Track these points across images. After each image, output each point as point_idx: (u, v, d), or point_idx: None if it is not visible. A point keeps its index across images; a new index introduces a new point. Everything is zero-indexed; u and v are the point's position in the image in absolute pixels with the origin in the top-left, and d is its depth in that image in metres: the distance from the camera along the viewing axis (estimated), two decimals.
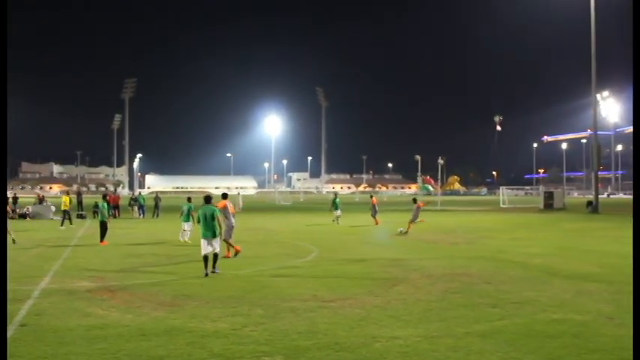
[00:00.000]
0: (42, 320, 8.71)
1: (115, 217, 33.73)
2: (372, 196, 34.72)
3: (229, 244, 15.99)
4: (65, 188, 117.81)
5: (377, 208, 31.93)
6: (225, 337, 7.70)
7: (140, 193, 50.75)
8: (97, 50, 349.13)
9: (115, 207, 37.02)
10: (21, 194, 71.46)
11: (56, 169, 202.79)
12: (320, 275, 13.26)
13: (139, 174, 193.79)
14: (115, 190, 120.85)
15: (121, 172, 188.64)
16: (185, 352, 7.03)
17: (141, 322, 8.53)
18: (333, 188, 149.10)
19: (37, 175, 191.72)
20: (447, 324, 8.42)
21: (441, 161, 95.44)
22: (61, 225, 28.57)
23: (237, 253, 15.98)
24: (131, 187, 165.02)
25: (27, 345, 7.34)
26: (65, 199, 31.25)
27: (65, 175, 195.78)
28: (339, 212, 31.35)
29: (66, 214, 29.91)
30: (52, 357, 6.86)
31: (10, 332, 7.92)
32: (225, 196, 16.56)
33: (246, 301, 10.07)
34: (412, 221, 24.95)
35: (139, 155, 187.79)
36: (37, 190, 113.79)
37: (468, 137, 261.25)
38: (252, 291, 11.11)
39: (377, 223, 30.16)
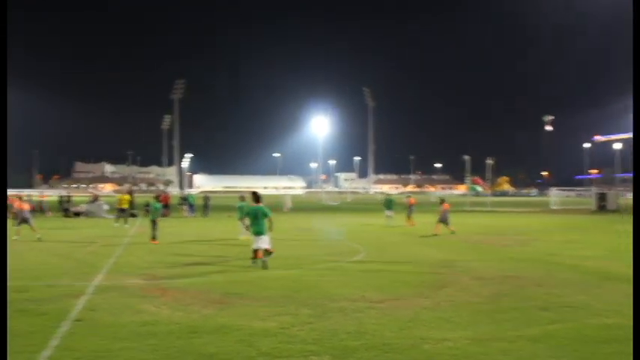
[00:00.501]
0: (96, 315, 8.94)
1: (165, 216, 34.32)
2: (408, 197, 34.34)
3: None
4: (120, 187, 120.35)
5: (413, 209, 31.51)
6: (274, 335, 7.77)
7: (190, 193, 51.47)
8: (147, 52, 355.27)
9: (165, 206, 37.64)
10: (75, 193, 73.21)
11: (108, 168, 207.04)
12: (368, 276, 13.25)
13: (188, 174, 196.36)
14: (166, 189, 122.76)
15: (171, 172, 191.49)
16: (234, 350, 7.12)
17: (191, 320, 8.67)
18: (381, 189, 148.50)
19: (90, 175, 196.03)
20: (497, 327, 8.33)
21: (489, 162, 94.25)
22: (125, 223, 29.20)
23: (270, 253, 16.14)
24: (180, 187, 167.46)
25: (82, 339, 7.54)
26: (124, 197, 31.95)
27: (117, 175, 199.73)
28: (390, 212, 30.99)
29: (124, 213, 30.56)
30: (107, 351, 7.03)
31: (66, 327, 8.16)
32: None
33: (294, 301, 10.13)
34: (440, 222, 24.63)
35: (189, 155, 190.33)
36: (92, 190, 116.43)
37: (518, 137, 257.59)
38: (300, 290, 11.17)
39: (412, 225, 29.68)
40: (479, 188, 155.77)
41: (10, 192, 53.99)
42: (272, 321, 8.60)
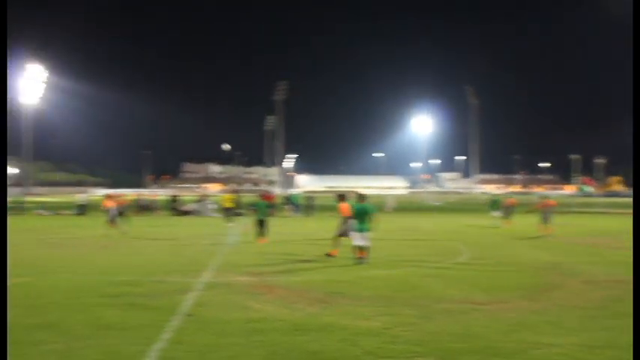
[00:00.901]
0: (205, 311, 9.21)
1: (270, 215, 34.92)
2: (509, 197, 33.21)
3: (336, 244, 16.37)
4: (227, 187, 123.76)
5: (512, 210, 30.50)
6: (378, 335, 7.75)
7: (293, 193, 52.17)
8: (251, 54, 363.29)
9: (270, 206, 38.29)
10: (183, 193, 75.85)
11: (215, 169, 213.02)
12: (472, 277, 12.98)
13: (292, 174, 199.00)
14: (270, 189, 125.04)
15: (274, 172, 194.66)
16: (338, 349, 7.15)
17: (296, 318, 8.78)
18: (485, 189, 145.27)
19: (198, 175, 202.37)
20: (609, 334, 7.95)
21: (600, 161, 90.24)
22: (229, 222, 30.05)
23: (331, 255, 16.17)
24: (283, 187, 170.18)
25: (192, 334, 7.79)
26: (227, 197, 32.85)
27: (223, 175, 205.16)
28: (496, 213, 30.22)
29: (229, 212, 31.41)
30: (215, 346, 7.23)
31: (176, 321, 8.45)
32: (342, 197, 17.01)
33: (397, 301, 10.07)
34: (543, 222, 23.98)
35: (292, 155, 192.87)
36: (199, 189, 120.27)
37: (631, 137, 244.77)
38: (403, 290, 11.09)
39: (508, 225, 28.70)
40: (588, 189, 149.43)
41: (121, 191, 56.58)
42: (376, 321, 8.58)
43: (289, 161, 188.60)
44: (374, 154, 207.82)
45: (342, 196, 17.09)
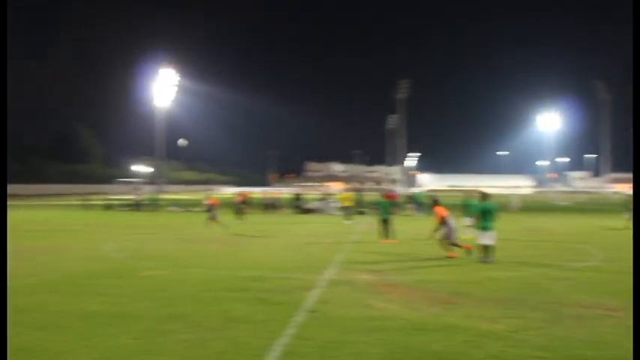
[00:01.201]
0: (328, 308, 9.34)
1: (393, 214, 34.86)
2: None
3: (448, 247, 16.12)
4: (348, 186, 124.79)
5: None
6: (502, 338, 7.57)
7: (416, 192, 51.79)
8: (375, 53, 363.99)
9: (393, 205, 38.19)
10: (307, 191, 77.18)
11: (337, 167, 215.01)
12: (603, 281, 12.36)
13: (414, 172, 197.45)
14: (392, 188, 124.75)
15: (396, 171, 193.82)
16: (461, 351, 7.05)
17: (418, 317, 8.74)
18: (617, 188, 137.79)
19: (320, 174, 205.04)
20: None
21: None
22: (349, 220, 30.33)
23: (451, 257, 15.86)
24: (405, 186, 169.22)
25: (315, 330, 7.93)
26: (346, 196, 33.14)
27: (346, 174, 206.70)
28: (630, 214, 28.42)
29: (349, 210, 31.68)
30: (338, 343, 7.33)
31: (300, 317, 8.64)
32: (437, 202, 17.34)
33: (523, 303, 9.78)
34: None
35: (414, 154, 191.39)
36: (322, 188, 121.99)
37: None
38: (529, 293, 10.75)
39: (628, 227, 26.68)
40: None
41: (247, 189, 58.28)
42: (500, 323, 8.38)
43: (411, 160, 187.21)
44: (498, 153, 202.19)
45: (436, 201, 17.58)
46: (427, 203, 41.50)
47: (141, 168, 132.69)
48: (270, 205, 42.81)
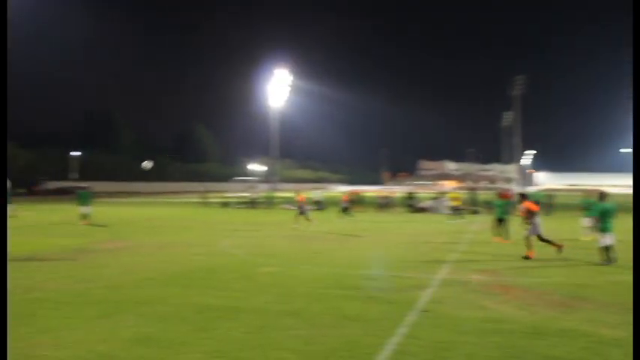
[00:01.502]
0: (441, 308, 9.24)
1: (509, 214, 34.00)
2: None
3: (530, 245, 15.70)
4: (458, 185, 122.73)
5: None
6: (625, 346, 7.19)
7: (533, 191, 50.09)
8: (489, 48, 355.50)
9: (508, 204, 37.20)
10: (420, 190, 76.46)
11: (450, 166, 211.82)
12: None
13: (530, 171, 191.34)
14: (508, 187, 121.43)
15: (511, 170, 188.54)
16: (580, 357, 6.79)
17: (534, 320, 8.48)
18: None
19: (433, 172, 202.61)
20: None
21: None
22: (456, 219, 29.91)
23: (529, 257, 15.41)
24: (521, 185, 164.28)
25: (427, 329, 7.87)
26: (455, 195, 32.63)
27: (459, 172, 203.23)
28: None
29: (457, 210, 31.19)
30: (450, 343, 7.24)
31: (412, 316, 8.60)
32: (524, 196, 16.96)
33: None
34: None
35: (530, 152, 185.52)
36: (435, 186, 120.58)
37: None
38: None
39: None
40: None
41: (359, 188, 58.38)
42: (623, 330, 7.97)
43: (527, 158, 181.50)
44: (621, 150, 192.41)
45: (523, 196, 17.20)
46: (545, 203, 40.22)
47: (256, 167, 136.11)
48: (383, 204, 42.76)
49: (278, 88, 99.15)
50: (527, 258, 15.38)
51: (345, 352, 6.89)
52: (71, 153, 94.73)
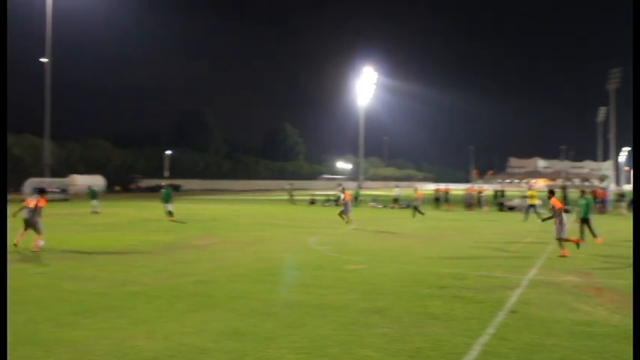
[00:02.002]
0: (530, 309, 9.04)
1: (601, 212, 32.86)
2: None
3: (562, 244, 15.40)
4: (549, 183, 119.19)
5: None
6: None
7: (629, 189, 48.14)
8: (580, 42, 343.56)
9: (601, 202, 35.97)
10: (509, 188, 74.85)
11: (541, 163, 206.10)
12: None
13: (627, 168, 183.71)
14: (601, 185, 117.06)
15: (606, 167, 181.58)
16: None
17: (628, 324, 8.15)
18: None
19: (523, 170, 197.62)
20: None
21: None
22: (526, 219, 29.14)
23: (563, 256, 15.12)
24: (618, 183, 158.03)
25: (516, 331, 7.72)
26: (532, 193, 31.71)
27: (549, 170, 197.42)
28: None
29: (531, 209, 30.28)
30: (539, 346, 7.07)
31: (500, 317, 8.45)
32: (552, 192, 16.61)
33: None
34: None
35: (626, 149, 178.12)
36: (525, 184, 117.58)
37: None
38: None
39: None
40: None
41: (446, 186, 57.69)
42: None
43: (623, 155, 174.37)
44: None
45: (552, 192, 16.75)
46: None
47: (343, 165, 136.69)
48: (470, 202, 42.11)
49: (365, 86, 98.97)
50: (562, 257, 15.11)
51: (430, 351, 6.85)
52: (165, 152, 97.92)
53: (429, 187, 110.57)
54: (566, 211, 34.32)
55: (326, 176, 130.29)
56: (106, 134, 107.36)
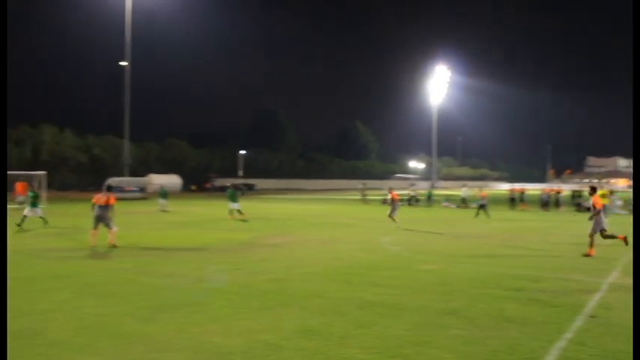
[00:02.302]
0: (610, 314, 8.75)
1: None
2: None
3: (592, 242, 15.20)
4: (629, 183, 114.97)
5: None
6: None
7: None
8: None
9: None
10: (587, 188, 72.59)
11: (622, 163, 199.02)
12: None
13: None
14: None
15: None
16: None
17: None
18: None
19: (602, 169, 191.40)
20: None
21: None
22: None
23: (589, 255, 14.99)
24: None
25: (595, 337, 7.48)
26: (603, 192, 30.63)
27: (630, 169, 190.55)
28: None
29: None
30: (621, 353, 6.82)
31: (579, 322, 8.21)
32: (594, 189, 15.99)
33: None
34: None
35: None
36: (605, 184, 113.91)
37: None
38: None
39: None
40: None
41: (521, 185, 56.42)
42: None
43: None
44: None
45: (593, 189, 16.11)
46: None
47: (416, 164, 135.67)
48: (546, 202, 41.09)
49: (438, 84, 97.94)
50: (588, 256, 14.89)
51: (506, 355, 6.72)
52: (239, 152, 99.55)
53: (503, 187, 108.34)
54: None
55: (398, 175, 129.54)
56: (182, 135, 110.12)
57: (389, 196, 27.25)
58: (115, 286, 10.81)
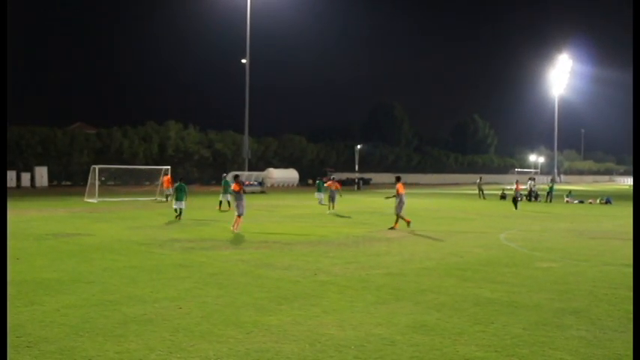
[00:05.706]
0: None
1: None
2: None
3: None
4: None
5: None
6: None
7: None
8: None
9: None
10: None
11: None
12: None
13: None
14: None
15: None
16: None
17: None
18: None
19: None
20: None
21: None
22: None
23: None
24: None
25: None
26: None
27: None
28: None
29: None
30: None
31: None
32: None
33: None
34: None
35: None
36: None
37: None
38: None
39: None
40: None
41: None
42: None
43: None
44: None
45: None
46: None
47: (536, 158, 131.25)
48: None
49: (559, 74, 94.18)
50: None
51: (631, 359, 6.42)
52: (355, 146, 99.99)
53: (628, 182, 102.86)
54: None
55: (518, 170, 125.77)
56: (300, 130, 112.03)
57: (514, 187, 26.55)
58: (234, 276, 11.19)
